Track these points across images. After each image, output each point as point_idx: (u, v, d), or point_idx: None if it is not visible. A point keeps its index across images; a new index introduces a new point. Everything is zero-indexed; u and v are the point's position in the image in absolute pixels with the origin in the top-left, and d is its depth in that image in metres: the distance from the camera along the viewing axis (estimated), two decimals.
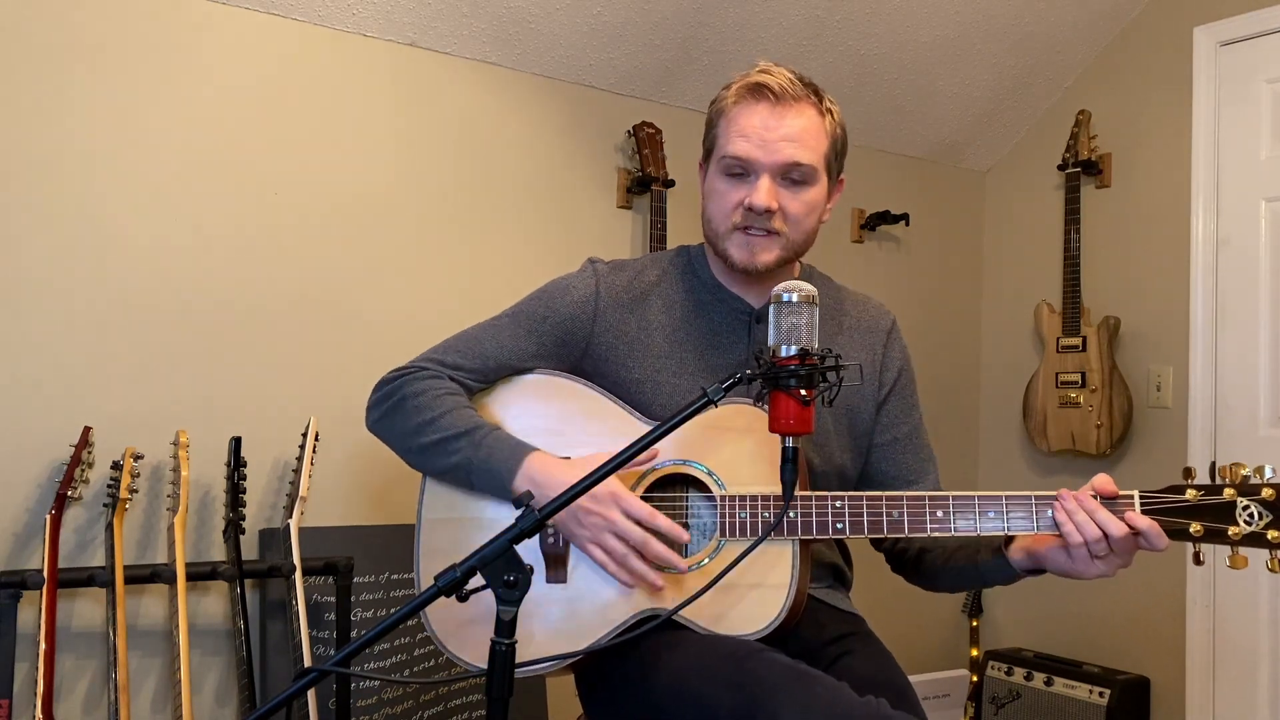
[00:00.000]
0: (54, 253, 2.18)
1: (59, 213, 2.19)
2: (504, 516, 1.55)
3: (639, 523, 1.47)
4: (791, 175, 1.57)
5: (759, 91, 1.57)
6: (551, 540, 1.56)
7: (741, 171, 1.58)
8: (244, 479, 2.25)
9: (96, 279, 2.22)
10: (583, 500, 1.44)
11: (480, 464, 1.54)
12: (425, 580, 1.59)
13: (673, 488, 1.56)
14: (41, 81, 2.17)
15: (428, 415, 1.57)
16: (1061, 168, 3.41)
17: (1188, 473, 1.45)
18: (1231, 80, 3.15)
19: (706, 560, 1.50)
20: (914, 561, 1.70)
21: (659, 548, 1.47)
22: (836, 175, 1.66)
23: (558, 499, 1.25)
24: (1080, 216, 3.36)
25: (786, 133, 1.55)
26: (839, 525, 1.48)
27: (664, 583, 1.49)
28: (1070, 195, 3.38)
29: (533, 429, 1.59)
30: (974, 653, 3.52)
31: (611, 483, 1.46)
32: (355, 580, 2.38)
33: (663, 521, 1.48)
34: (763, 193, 1.55)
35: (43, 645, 1.99)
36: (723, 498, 1.51)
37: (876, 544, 1.74)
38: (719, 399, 1.31)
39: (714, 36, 2.91)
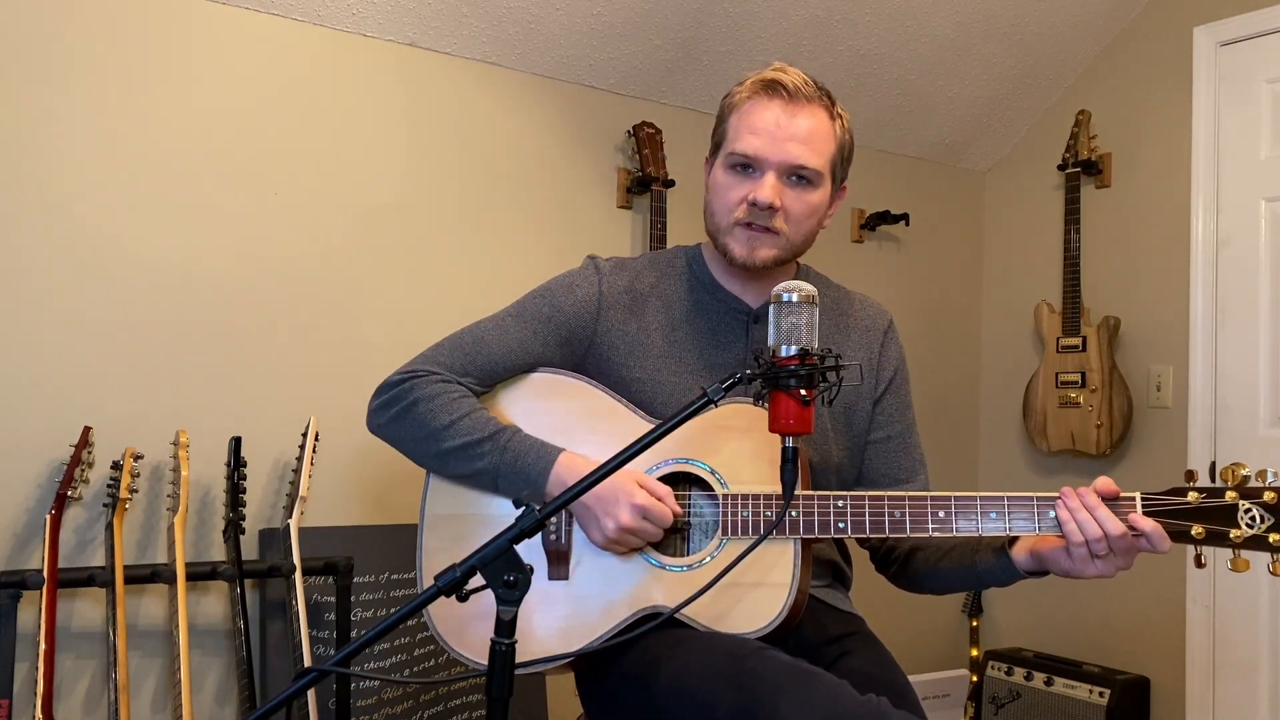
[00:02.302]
0: (54, 253, 2.18)
1: (59, 213, 2.19)
2: (510, 512, 1.54)
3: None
4: (796, 175, 1.57)
5: (773, 89, 1.58)
6: (554, 537, 1.56)
7: (748, 167, 1.58)
8: (244, 479, 2.25)
9: (96, 279, 2.22)
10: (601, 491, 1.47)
11: (508, 468, 1.54)
12: (427, 578, 1.59)
13: (676, 486, 1.56)
14: (40, 82, 2.17)
15: (444, 419, 1.56)
16: (1061, 168, 3.41)
17: (1190, 475, 1.44)
18: (1231, 80, 3.15)
19: (708, 559, 1.50)
20: (903, 561, 1.69)
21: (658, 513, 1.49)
22: (840, 181, 1.66)
23: (561, 497, 1.26)
24: (1080, 216, 3.36)
25: (796, 132, 1.56)
26: (840, 525, 1.48)
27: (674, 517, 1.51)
28: (1070, 195, 3.38)
29: (539, 428, 1.59)
30: (974, 653, 3.52)
31: (626, 472, 1.47)
32: (355, 580, 2.38)
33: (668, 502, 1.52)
34: (767, 189, 1.56)
35: (43, 645, 1.99)
36: (726, 496, 1.51)
37: (862, 541, 1.73)
38: (719, 399, 1.31)
39: (714, 36, 2.91)
